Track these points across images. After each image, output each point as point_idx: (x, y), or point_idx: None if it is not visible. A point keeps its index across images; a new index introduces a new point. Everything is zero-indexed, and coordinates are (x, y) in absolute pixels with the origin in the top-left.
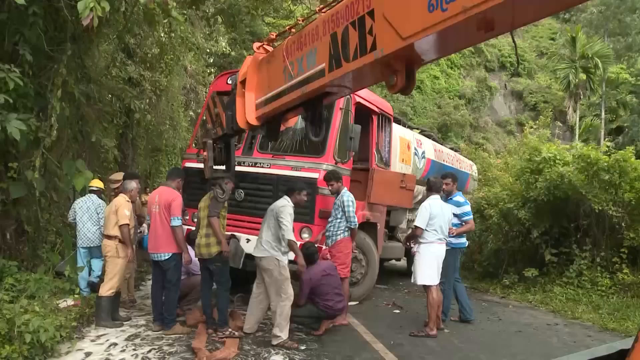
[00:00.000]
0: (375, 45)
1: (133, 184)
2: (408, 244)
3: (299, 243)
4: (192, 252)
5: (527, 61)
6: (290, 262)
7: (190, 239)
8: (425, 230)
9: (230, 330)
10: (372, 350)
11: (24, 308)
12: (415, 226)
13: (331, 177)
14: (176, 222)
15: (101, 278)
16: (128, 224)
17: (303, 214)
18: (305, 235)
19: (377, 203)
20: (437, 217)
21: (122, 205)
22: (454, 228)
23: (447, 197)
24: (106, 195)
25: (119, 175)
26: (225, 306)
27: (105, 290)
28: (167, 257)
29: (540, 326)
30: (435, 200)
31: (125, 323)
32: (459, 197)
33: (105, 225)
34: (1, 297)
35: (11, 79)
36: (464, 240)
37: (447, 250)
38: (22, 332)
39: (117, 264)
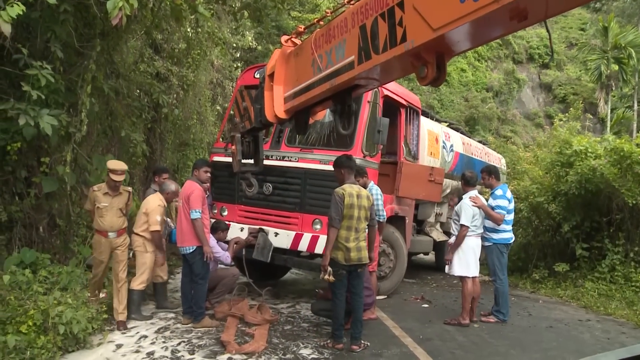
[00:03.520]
0: (405, 36)
1: (172, 187)
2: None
3: (311, 235)
4: (214, 243)
5: (556, 52)
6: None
7: (213, 227)
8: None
9: (363, 342)
10: (401, 345)
11: (57, 300)
12: (462, 225)
13: (356, 173)
14: (194, 214)
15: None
16: (159, 231)
17: (326, 207)
18: (317, 227)
19: (405, 197)
20: (478, 212)
21: (154, 211)
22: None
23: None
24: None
25: (122, 165)
26: (361, 313)
27: (137, 284)
28: (191, 250)
29: (571, 322)
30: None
31: (154, 316)
32: (499, 191)
33: (135, 223)
34: (36, 289)
35: (43, 75)
36: (506, 235)
37: (488, 246)
38: (56, 324)
39: (145, 257)
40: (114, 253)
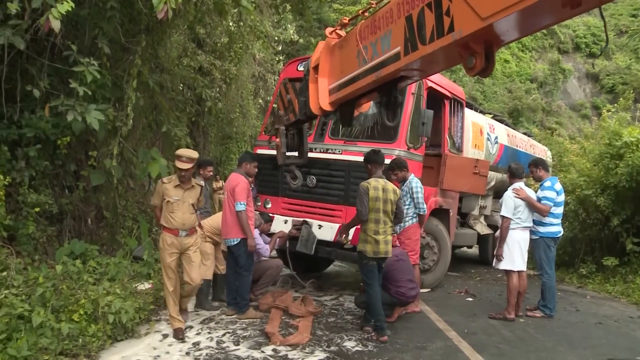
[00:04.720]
0: (453, 26)
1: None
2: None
3: (354, 227)
4: (257, 235)
5: (605, 41)
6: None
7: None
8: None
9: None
10: (446, 338)
11: (106, 290)
12: (502, 216)
13: (395, 166)
14: (240, 207)
15: None
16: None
17: None
18: None
19: (449, 189)
20: (521, 204)
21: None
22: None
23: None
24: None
25: (191, 152)
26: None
27: (208, 272)
28: (236, 242)
29: (621, 318)
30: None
31: (197, 307)
32: (548, 182)
33: (207, 218)
34: (86, 279)
35: (90, 72)
36: (554, 229)
37: (535, 240)
38: (105, 313)
39: (206, 246)
40: (184, 255)
